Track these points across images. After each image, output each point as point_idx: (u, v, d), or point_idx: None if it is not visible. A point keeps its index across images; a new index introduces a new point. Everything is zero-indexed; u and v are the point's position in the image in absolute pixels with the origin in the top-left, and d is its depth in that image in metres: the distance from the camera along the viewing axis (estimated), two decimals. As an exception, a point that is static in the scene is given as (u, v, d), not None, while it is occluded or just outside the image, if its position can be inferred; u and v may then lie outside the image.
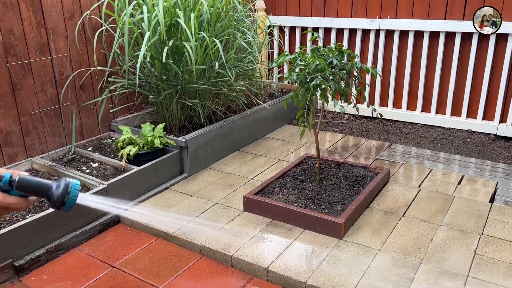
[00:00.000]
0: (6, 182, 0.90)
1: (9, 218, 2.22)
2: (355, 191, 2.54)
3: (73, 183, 0.95)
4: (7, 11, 2.49)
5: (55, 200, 0.93)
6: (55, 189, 0.93)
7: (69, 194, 0.93)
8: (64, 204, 0.93)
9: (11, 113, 2.61)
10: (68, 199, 0.93)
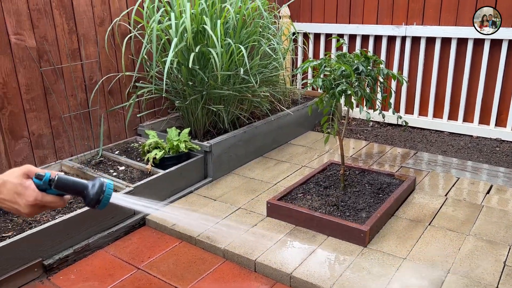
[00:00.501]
0: (46, 181, 0.94)
1: (39, 218, 2.29)
2: (380, 199, 2.51)
3: (107, 183, 0.99)
4: (41, 18, 2.58)
5: (90, 199, 0.96)
6: (90, 188, 0.96)
7: (104, 193, 0.97)
8: (99, 203, 0.97)
9: (43, 116, 2.69)
10: (103, 197, 0.97)
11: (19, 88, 2.55)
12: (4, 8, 2.41)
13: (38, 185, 0.94)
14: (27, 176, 0.94)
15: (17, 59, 2.51)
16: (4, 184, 0.91)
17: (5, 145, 2.53)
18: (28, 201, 0.92)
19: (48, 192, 0.95)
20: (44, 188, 0.95)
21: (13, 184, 0.92)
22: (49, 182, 0.94)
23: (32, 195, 0.92)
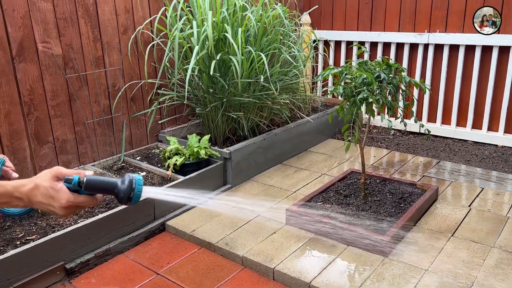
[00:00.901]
0: (75, 184, 0.96)
1: (62, 222, 2.33)
2: (401, 208, 2.47)
3: (137, 179, 0.99)
4: (67, 26, 2.65)
5: (121, 197, 0.98)
6: (120, 186, 0.97)
7: (134, 190, 0.97)
8: (130, 200, 0.98)
9: (67, 122, 2.75)
10: (133, 194, 0.97)
11: (45, 95, 2.61)
12: (33, 17, 2.48)
13: (69, 187, 0.96)
14: (57, 179, 0.97)
15: (44, 66, 2.58)
16: (37, 188, 0.94)
17: (31, 150, 2.60)
18: (61, 203, 0.95)
19: (80, 193, 0.97)
20: (76, 190, 0.97)
21: (45, 187, 0.94)
22: (78, 184, 0.96)
23: (64, 197, 0.95)
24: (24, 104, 2.53)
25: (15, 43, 2.43)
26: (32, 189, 0.94)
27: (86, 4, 2.72)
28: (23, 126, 2.54)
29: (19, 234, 2.21)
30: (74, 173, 0.98)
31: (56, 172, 0.97)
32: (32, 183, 0.94)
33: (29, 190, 0.93)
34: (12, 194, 0.92)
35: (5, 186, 0.91)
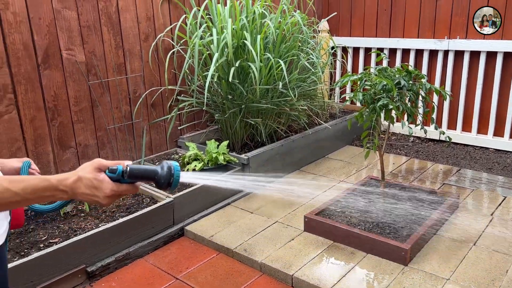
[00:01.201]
0: (119, 173, 1.01)
1: (84, 225, 2.37)
2: (421, 217, 2.44)
3: (174, 165, 1.05)
4: (90, 34, 2.71)
5: (162, 182, 1.03)
6: (160, 173, 1.03)
7: (173, 176, 1.03)
8: (170, 185, 1.04)
9: (89, 127, 2.81)
10: (173, 179, 1.03)
11: (68, 101, 2.67)
12: (58, 25, 2.55)
13: (111, 177, 1.01)
14: (99, 170, 1.01)
15: (68, 73, 2.64)
16: (81, 180, 0.98)
17: (54, 155, 2.66)
18: (105, 193, 0.99)
19: (122, 182, 1.02)
20: (117, 179, 1.02)
21: (89, 179, 0.98)
22: (122, 174, 1.01)
23: (108, 187, 0.99)
24: (49, 110, 2.59)
25: (41, 51, 2.50)
26: (76, 181, 0.97)
27: (109, 12, 2.78)
28: (47, 131, 2.60)
29: (42, 237, 2.25)
30: (114, 163, 1.03)
31: (98, 163, 1.01)
32: (75, 176, 0.98)
33: (73, 183, 0.97)
34: (57, 187, 0.96)
35: (49, 180, 0.95)
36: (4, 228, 1.05)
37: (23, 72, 2.45)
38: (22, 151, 2.50)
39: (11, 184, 0.90)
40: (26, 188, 0.91)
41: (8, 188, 0.89)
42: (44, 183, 0.94)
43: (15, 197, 0.90)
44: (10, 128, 2.43)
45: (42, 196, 0.94)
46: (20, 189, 0.90)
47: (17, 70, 2.42)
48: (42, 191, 0.93)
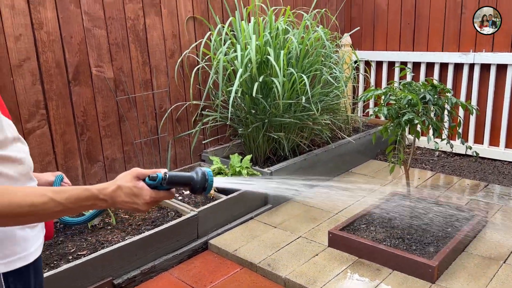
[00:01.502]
0: (159, 180, 1.07)
1: (111, 238, 2.42)
2: (448, 233, 2.40)
3: (208, 171, 1.12)
4: (119, 51, 2.80)
5: (197, 188, 1.10)
6: (195, 178, 1.10)
7: (208, 181, 1.10)
8: (204, 189, 1.10)
9: (117, 142, 2.88)
10: (207, 184, 1.10)
11: (97, 116, 2.75)
12: (88, 43, 2.64)
13: (150, 184, 1.06)
14: (138, 178, 1.06)
15: (97, 89, 2.73)
16: (120, 188, 1.02)
17: (83, 169, 2.73)
18: (145, 199, 1.04)
19: (159, 189, 1.07)
20: (155, 186, 1.07)
21: (128, 187, 1.03)
22: (161, 181, 1.07)
23: (148, 194, 1.05)
24: (78, 125, 2.67)
25: (72, 68, 2.59)
26: (115, 190, 1.02)
27: (136, 30, 2.86)
28: (76, 145, 2.68)
29: (71, 249, 2.31)
30: (152, 172, 1.09)
31: (136, 172, 1.07)
32: (114, 185, 1.03)
33: (112, 192, 1.01)
34: (97, 196, 0.99)
35: (90, 189, 1.00)
36: (40, 241, 1.09)
37: (54, 88, 2.54)
38: (53, 164, 2.58)
39: (55, 195, 0.93)
40: (69, 198, 0.95)
41: (53, 198, 0.93)
42: (85, 193, 0.98)
43: (59, 207, 0.94)
44: (42, 142, 2.52)
45: (83, 206, 0.98)
46: (64, 199, 0.94)
47: (49, 86, 2.51)
48: (84, 200, 0.97)
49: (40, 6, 2.41)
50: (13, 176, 1.01)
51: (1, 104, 1.02)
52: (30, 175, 1.08)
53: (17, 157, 1.02)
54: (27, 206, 0.89)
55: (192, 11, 3.17)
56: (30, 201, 0.90)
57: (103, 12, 2.68)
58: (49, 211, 0.93)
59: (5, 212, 0.87)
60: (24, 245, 1.02)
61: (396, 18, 4.13)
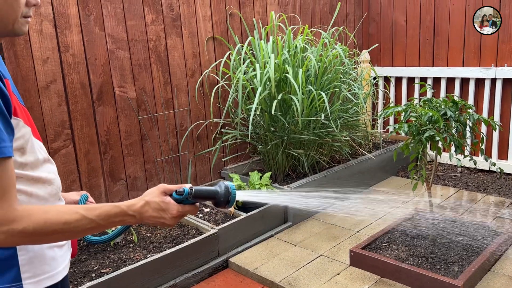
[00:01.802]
0: (186, 194, 1.11)
1: (133, 256, 2.45)
2: (474, 252, 2.34)
3: (231, 185, 1.16)
4: (141, 72, 2.87)
5: (221, 201, 1.14)
6: (219, 192, 1.14)
7: (231, 194, 1.14)
8: (228, 202, 1.14)
9: (138, 160, 2.93)
10: (231, 197, 1.14)
11: (119, 135, 2.81)
12: (112, 64, 2.72)
13: (176, 199, 1.10)
14: (165, 194, 1.10)
15: (120, 109, 2.79)
16: (148, 204, 1.06)
17: (106, 187, 2.78)
18: (172, 214, 1.08)
19: (185, 203, 1.11)
20: (181, 200, 1.11)
21: (156, 202, 1.07)
22: (188, 195, 1.11)
23: (175, 208, 1.08)
24: (101, 144, 2.73)
25: (96, 88, 2.67)
26: (143, 206, 1.05)
27: (158, 51, 2.94)
28: (99, 164, 2.74)
29: (94, 267, 2.34)
30: (178, 187, 1.13)
31: (163, 188, 1.11)
32: (142, 201, 1.06)
33: (140, 207, 1.05)
34: (126, 212, 1.03)
35: (119, 206, 1.04)
36: (68, 260, 1.12)
37: (79, 109, 2.61)
38: (77, 183, 2.64)
39: (87, 212, 0.97)
40: (100, 215, 0.99)
41: (85, 216, 0.96)
42: (115, 209, 1.02)
43: (91, 224, 0.97)
44: (67, 161, 2.58)
45: (113, 222, 1.02)
46: (95, 216, 0.98)
47: (74, 107, 2.59)
48: (113, 216, 1.01)
49: (67, 30, 2.50)
50: (44, 196, 1.04)
51: (32, 126, 1.05)
52: (58, 195, 1.11)
53: (47, 177, 1.05)
54: (61, 224, 0.93)
55: (212, 32, 3.24)
56: (64, 219, 0.93)
57: (126, 34, 2.76)
58: (82, 228, 0.96)
59: (41, 231, 0.91)
60: (53, 264, 1.04)
61: (415, 34, 4.12)
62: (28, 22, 1.03)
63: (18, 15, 0.98)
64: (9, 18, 0.96)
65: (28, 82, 2.39)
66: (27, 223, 0.89)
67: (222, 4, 3.28)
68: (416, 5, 4.07)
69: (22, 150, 0.99)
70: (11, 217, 0.88)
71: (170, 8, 2.96)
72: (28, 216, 0.90)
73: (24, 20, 1.01)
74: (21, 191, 0.99)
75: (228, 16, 3.33)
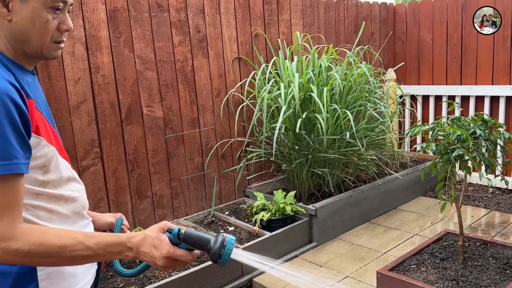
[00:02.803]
0: (175, 233, 1.03)
1: (158, 274, 2.46)
2: (507, 276, 2.24)
3: (229, 238, 1.02)
4: (168, 92, 2.94)
5: (213, 253, 1.01)
6: (213, 243, 1.01)
7: (225, 248, 1.00)
8: (220, 257, 1.01)
9: (165, 178, 2.97)
10: (223, 252, 1.00)
11: (147, 153, 2.87)
12: (140, 85, 2.79)
13: (171, 239, 1.03)
14: (164, 231, 1.05)
15: (147, 127, 2.86)
16: (145, 238, 1.02)
17: (132, 204, 2.83)
18: (162, 253, 1.01)
19: (180, 247, 1.03)
20: (176, 243, 1.03)
21: (152, 237, 1.02)
22: (177, 235, 1.02)
23: (165, 248, 1.02)
24: (129, 162, 2.79)
25: (124, 108, 2.74)
26: (142, 239, 1.02)
27: (185, 71, 3.00)
28: (127, 182, 2.79)
29: (120, 284, 2.36)
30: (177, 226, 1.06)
31: (163, 225, 1.06)
32: (142, 234, 1.02)
33: (139, 241, 1.01)
34: (125, 244, 1.00)
35: (120, 236, 1.01)
36: (89, 277, 1.12)
37: (108, 128, 2.68)
38: (105, 200, 2.69)
39: (86, 239, 0.96)
40: (99, 244, 0.97)
41: (82, 242, 0.95)
42: (115, 239, 0.99)
43: (88, 251, 0.95)
44: (95, 179, 2.64)
45: (111, 252, 0.99)
46: (93, 244, 0.96)
47: (103, 126, 2.66)
48: (112, 246, 0.98)
49: (98, 51, 2.60)
50: (66, 214, 1.06)
51: (59, 146, 1.08)
52: (82, 213, 1.12)
53: (70, 195, 1.06)
54: (57, 247, 0.92)
55: (237, 52, 3.29)
56: (60, 242, 0.93)
57: (154, 55, 2.84)
58: (78, 254, 0.95)
59: (36, 251, 0.91)
60: (71, 280, 1.05)
61: (442, 52, 4.07)
62: (60, 48, 1.04)
63: (47, 40, 1.00)
64: (37, 42, 0.99)
65: (60, 102, 2.48)
66: (23, 242, 0.89)
67: (247, 25, 3.34)
68: (443, 23, 4.04)
69: (44, 169, 1.00)
70: (9, 235, 0.89)
71: (197, 30, 3.04)
72: (25, 236, 0.90)
73: (55, 45, 1.03)
74: (41, 208, 1.00)
75: (253, 36, 3.39)
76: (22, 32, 0.97)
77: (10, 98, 0.89)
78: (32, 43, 0.99)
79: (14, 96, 0.90)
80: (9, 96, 0.89)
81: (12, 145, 0.88)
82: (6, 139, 0.88)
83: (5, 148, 0.87)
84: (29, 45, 0.99)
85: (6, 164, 0.88)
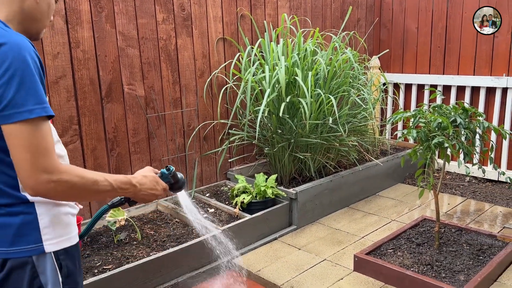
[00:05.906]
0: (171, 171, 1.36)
1: (136, 253, 2.44)
2: (480, 261, 2.31)
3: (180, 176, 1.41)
4: (150, 70, 2.88)
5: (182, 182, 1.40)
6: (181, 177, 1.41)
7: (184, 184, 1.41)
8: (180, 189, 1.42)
9: (145, 158, 2.93)
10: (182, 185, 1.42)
11: (127, 132, 2.82)
12: (121, 62, 2.73)
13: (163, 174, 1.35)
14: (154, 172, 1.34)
15: (128, 106, 2.80)
16: (147, 177, 1.26)
17: (111, 183, 2.78)
18: (164, 186, 1.32)
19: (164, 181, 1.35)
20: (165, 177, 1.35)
21: (153, 176, 1.29)
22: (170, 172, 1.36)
23: (163, 182, 1.33)
24: (108, 140, 2.74)
25: (105, 85, 2.68)
26: (142, 178, 1.25)
27: (168, 50, 2.95)
28: (106, 161, 2.74)
29: (97, 263, 2.34)
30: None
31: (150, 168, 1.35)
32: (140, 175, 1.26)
33: (141, 179, 1.24)
34: (131, 182, 1.20)
35: (126, 176, 1.19)
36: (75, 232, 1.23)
37: (88, 105, 2.62)
38: (83, 179, 2.64)
39: (107, 176, 1.12)
40: (116, 180, 1.15)
41: (106, 179, 1.11)
42: (124, 178, 1.19)
43: (109, 187, 1.12)
44: (73, 157, 2.59)
45: (122, 188, 1.17)
46: (113, 180, 1.13)
47: (82, 103, 2.60)
48: (124, 184, 1.17)
49: (78, 26, 2.52)
50: None
51: None
52: None
53: (61, 154, 1.21)
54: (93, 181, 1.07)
55: (222, 32, 3.24)
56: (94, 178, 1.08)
57: (136, 32, 2.77)
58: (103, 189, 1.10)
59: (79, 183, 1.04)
60: (68, 229, 1.18)
61: (427, 42, 4.10)
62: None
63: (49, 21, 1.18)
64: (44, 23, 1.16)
65: (38, 77, 2.40)
66: (71, 174, 1.02)
67: (233, 6, 3.28)
68: (428, 12, 4.05)
69: None
70: (60, 169, 1.01)
71: (181, 7, 2.97)
72: (71, 169, 1.03)
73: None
74: None
75: (239, 17, 3.33)
76: (38, 13, 1.12)
77: (36, 54, 1.03)
78: (40, 24, 1.14)
79: (37, 53, 1.04)
80: (35, 53, 1.03)
81: (43, 92, 1.01)
82: (39, 87, 1.00)
83: (40, 93, 0.99)
84: (38, 25, 1.14)
85: (44, 107, 0.99)
